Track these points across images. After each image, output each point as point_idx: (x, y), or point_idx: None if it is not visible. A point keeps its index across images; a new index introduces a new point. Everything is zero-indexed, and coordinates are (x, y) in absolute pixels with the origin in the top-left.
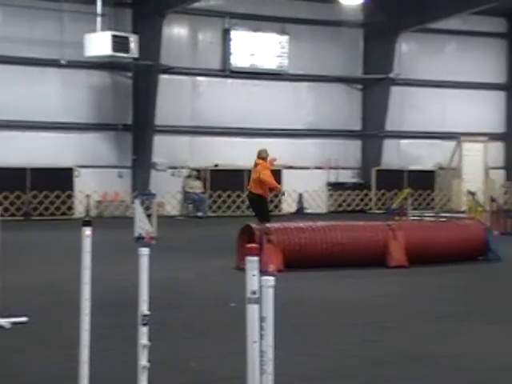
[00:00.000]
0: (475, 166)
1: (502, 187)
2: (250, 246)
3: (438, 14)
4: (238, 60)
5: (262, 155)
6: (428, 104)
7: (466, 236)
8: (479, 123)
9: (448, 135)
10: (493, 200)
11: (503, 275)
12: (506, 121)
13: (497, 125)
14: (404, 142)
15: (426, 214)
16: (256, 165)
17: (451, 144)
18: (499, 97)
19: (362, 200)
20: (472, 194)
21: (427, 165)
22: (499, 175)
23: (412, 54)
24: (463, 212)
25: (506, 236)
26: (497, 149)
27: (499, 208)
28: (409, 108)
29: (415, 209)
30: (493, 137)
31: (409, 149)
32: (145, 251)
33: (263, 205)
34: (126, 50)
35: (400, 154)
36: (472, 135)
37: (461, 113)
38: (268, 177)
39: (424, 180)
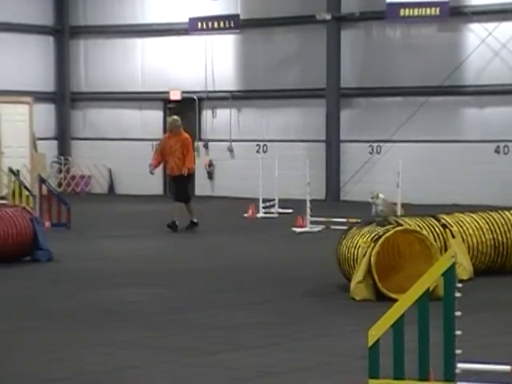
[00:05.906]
0: (18, 137)
1: (54, 164)
2: None
3: None
4: None
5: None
6: None
7: (7, 229)
8: (22, 78)
9: None
10: (43, 181)
11: (60, 279)
12: (55, 76)
13: (44, 81)
14: None
15: None
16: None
17: None
18: (45, 43)
19: None
20: (15, 173)
21: None
22: (50, 148)
23: None
24: (4, 198)
25: (58, 228)
26: (46, 114)
27: (51, 192)
28: None
29: None
30: (40, 97)
31: None
32: None
33: None
34: None
35: None
36: (13, 94)
37: None
38: None
39: None
